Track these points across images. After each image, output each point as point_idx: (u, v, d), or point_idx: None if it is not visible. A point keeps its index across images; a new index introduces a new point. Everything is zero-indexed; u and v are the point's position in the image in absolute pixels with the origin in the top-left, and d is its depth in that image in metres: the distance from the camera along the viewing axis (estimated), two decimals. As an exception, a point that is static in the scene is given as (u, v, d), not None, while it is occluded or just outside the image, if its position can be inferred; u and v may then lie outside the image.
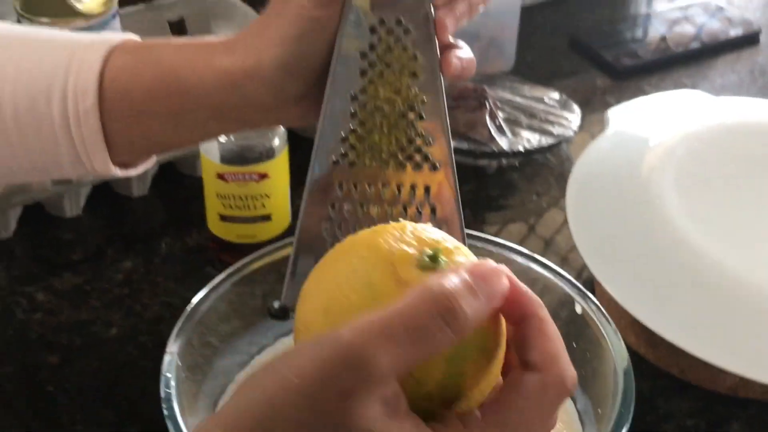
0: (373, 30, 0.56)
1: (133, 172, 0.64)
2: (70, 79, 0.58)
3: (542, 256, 0.72)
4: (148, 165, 0.65)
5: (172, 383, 0.62)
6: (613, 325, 0.67)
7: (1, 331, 0.84)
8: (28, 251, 0.92)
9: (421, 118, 0.57)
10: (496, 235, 0.90)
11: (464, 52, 0.57)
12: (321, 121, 0.56)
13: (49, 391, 0.78)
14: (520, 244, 0.93)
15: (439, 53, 0.56)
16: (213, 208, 0.88)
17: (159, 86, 0.58)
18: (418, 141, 0.57)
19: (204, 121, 0.59)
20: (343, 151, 0.57)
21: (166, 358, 0.63)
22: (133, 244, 0.93)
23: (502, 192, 1.01)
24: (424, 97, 0.56)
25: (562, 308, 0.71)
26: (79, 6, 1.03)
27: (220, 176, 0.86)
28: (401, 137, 0.57)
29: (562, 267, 0.72)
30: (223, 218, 0.88)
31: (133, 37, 0.61)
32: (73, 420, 0.76)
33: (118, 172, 0.62)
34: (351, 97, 0.56)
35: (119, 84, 0.58)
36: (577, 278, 0.78)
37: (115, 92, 0.58)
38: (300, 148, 0.86)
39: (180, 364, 0.64)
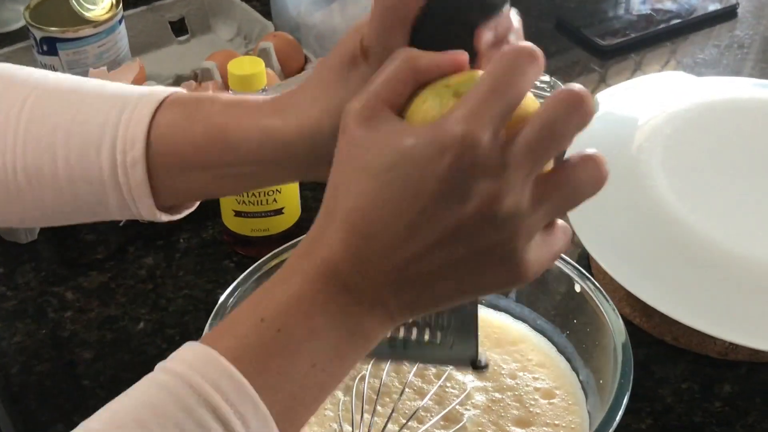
0: None
1: (177, 217, 0.67)
2: (120, 131, 0.61)
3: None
4: (190, 210, 0.69)
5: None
6: (611, 302, 0.72)
7: (35, 331, 0.89)
8: (53, 253, 0.97)
9: None
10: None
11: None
12: None
13: (86, 385, 0.84)
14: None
15: None
16: (227, 204, 0.93)
17: (206, 142, 0.61)
18: None
19: (247, 175, 0.62)
20: None
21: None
22: (153, 241, 0.98)
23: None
24: None
25: (562, 286, 0.77)
26: (87, 14, 1.07)
27: (234, 174, 0.90)
28: None
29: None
30: (238, 213, 0.93)
31: (180, 91, 0.64)
32: (111, 411, 0.81)
33: (164, 218, 0.66)
34: None
35: (167, 138, 0.62)
36: (571, 255, 0.83)
37: (163, 145, 0.62)
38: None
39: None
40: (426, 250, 0.46)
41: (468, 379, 0.75)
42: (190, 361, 0.46)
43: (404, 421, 0.70)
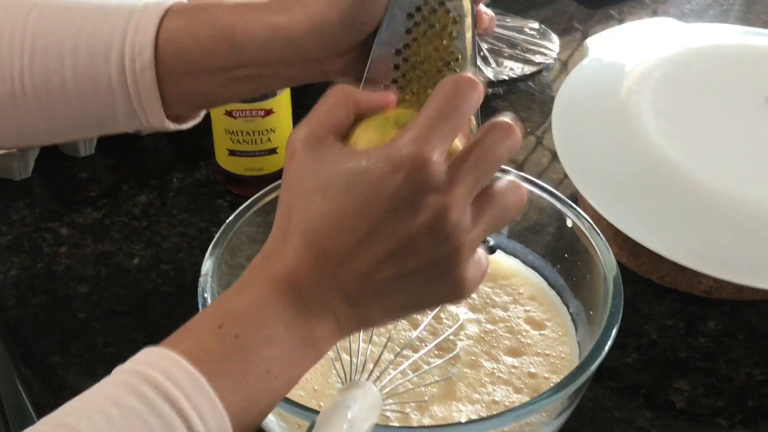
0: None
1: (185, 126, 0.68)
2: (128, 38, 0.62)
3: (528, 173, 0.79)
4: (197, 119, 0.70)
5: (208, 301, 0.69)
6: (602, 236, 0.74)
7: (30, 265, 0.90)
8: (47, 190, 0.98)
9: (455, 72, 0.63)
10: (486, 159, 0.96)
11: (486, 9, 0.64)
12: (367, 71, 0.62)
13: (82, 318, 0.85)
14: (508, 163, 1.00)
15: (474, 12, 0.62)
16: (221, 143, 0.94)
17: (213, 43, 0.62)
18: None
19: (255, 77, 0.64)
20: None
21: (201, 280, 0.70)
22: (147, 180, 0.99)
23: (488, 119, 1.07)
24: (459, 55, 0.62)
25: (553, 222, 0.78)
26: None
27: (228, 113, 0.91)
28: None
29: (544, 183, 0.79)
30: (232, 153, 0.94)
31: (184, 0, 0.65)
32: (107, 342, 0.82)
33: (171, 126, 0.67)
34: (396, 51, 0.62)
35: (175, 42, 0.63)
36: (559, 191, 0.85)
37: (171, 50, 0.63)
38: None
39: (213, 285, 0.70)
40: (378, 262, 0.50)
41: (461, 311, 0.77)
42: (149, 361, 0.48)
43: (399, 350, 0.72)
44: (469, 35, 0.62)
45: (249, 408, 0.49)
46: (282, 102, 0.92)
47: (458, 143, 0.53)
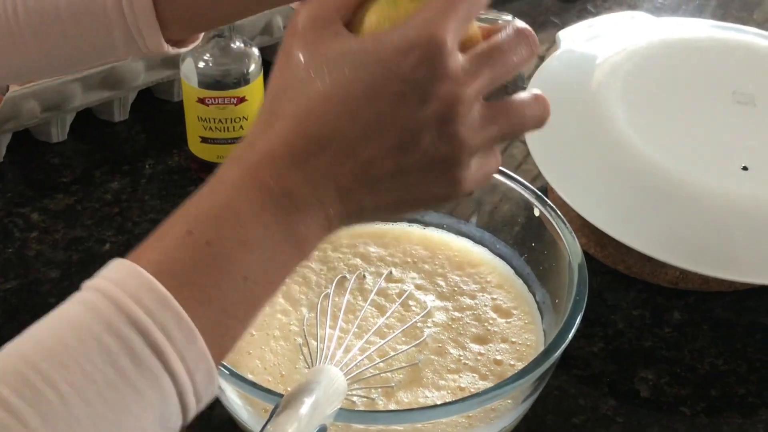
0: None
1: (183, 50, 0.67)
2: None
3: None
4: (195, 43, 0.68)
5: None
6: (568, 225, 0.75)
7: (1, 250, 0.90)
8: (19, 175, 0.98)
9: None
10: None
11: None
12: None
13: (52, 303, 0.83)
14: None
15: None
16: (194, 130, 0.94)
17: None
18: None
19: None
20: None
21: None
22: (119, 166, 0.99)
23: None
24: None
25: (521, 212, 0.79)
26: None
27: (201, 101, 0.92)
28: None
29: (517, 174, 0.80)
30: (204, 140, 0.94)
31: None
32: (77, 328, 0.82)
33: (170, 50, 0.65)
34: None
35: None
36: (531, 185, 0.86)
37: None
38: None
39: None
40: (378, 155, 0.46)
41: (429, 299, 0.78)
42: (112, 276, 0.44)
43: (366, 336, 0.72)
44: None
45: (226, 320, 0.45)
46: (255, 90, 0.92)
47: (477, 29, 0.49)
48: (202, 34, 0.70)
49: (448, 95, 0.45)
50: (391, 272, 0.79)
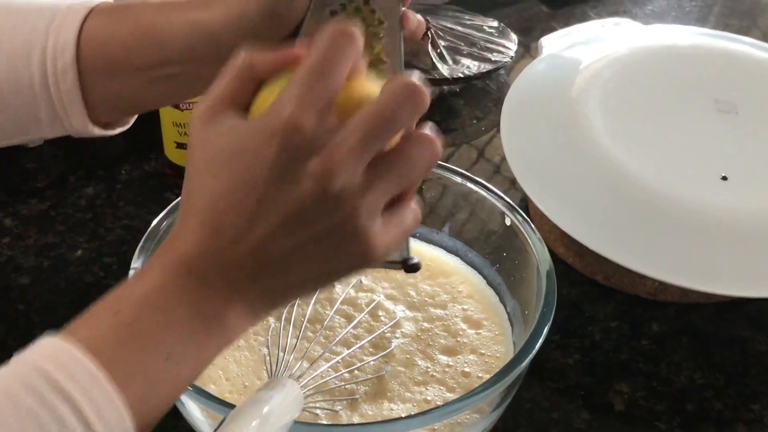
0: None
1: (112, 132, 0.67)
2: (50, 39, 0.61)
3: (480, 173, 0.78)
4: (125, 126, 0.68)
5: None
6: (538, 233, 0.73)
7: (-29, 255, 0.89)
8: (-7, 180, 0.97)
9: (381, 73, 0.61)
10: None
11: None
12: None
13: (21, 309, 0.84)
14: (460, 162, 0.99)
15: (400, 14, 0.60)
16: (169, 136, 0.93)
17: (135, 41, 0.61)
18: None
19: (177, 76, 0.62)
20: None
21: (131, 273, 0.69)
22: (95, 172, 0.98)
23: (444, 117, 1.07)
24: (384, 56, 0.60)
25: (493, 221, 0.78)
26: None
27: (176, 105, 0.90)
28: None
29: (496, 182, 0.78)
30: (180, 146, 0.93)
31: (108, 0, 0.64)
32: (45, 335, 0.81)
33: (96, 131, 0.65)
34: None
35: (97, 41, 0.62)
36: (511, 196, 0.84)
37: (93, 49, 0.62)
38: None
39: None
40: (271, 234, 0.47)
41: (399, 309, 0.76)
42: (43, 352, 0.46)
43: (330, 346, 0.71)
44: (395, 37, 0.60)
45: (149, 396, 0.47)
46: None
47: (366, 88, 0.49)
48: (134, 117, 0.69)
49: (316, 172, 0.46)
50: (360, 281, 0.78)
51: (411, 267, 0.56)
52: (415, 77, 0.48)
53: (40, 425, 0.44)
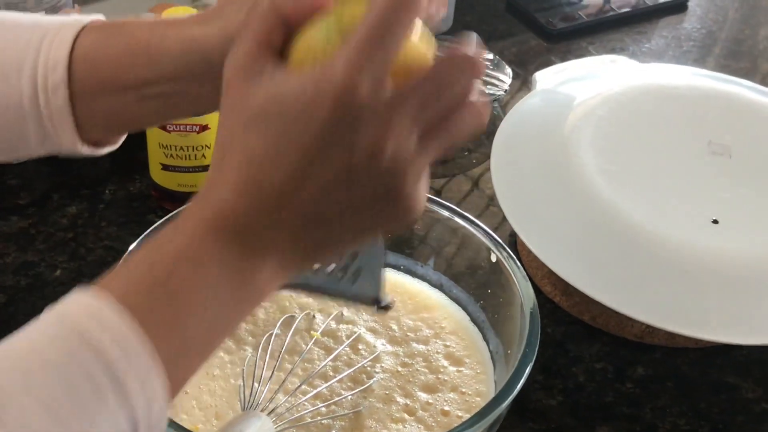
0: None
1: (99, 152, 0.66)
2: (42, 55, 0.60)
3: (472, 204, 0.76)
4: (114, 146, 0.67)
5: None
6: (523, 271, 0.72)
7: (-52, 272, 0.87)
8: (-26, 196, 0.96)
9: None
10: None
11: None
12: None
13: (-5, 328, 0.82)
14: (449, 195, 0.98)
15: None
16: (155, 157, 0.92)
17: (128, 58, 0.60)
18: None
19: (167, 95, 0.61)
20: None
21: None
22: (78, 191, 0.96)
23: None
24: None
25: (479, 256, 0.76)
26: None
27: (163, 127, 0.89)
28: None
29: (488, 215, 0.77)
30: (165, 167, 0.92)
31: (101, 18, 0.63)
32: (18, 356, 0.80)
33: (85, 150, 0.64)
34: None
35: (89, 58, 0.61)
36: (499, 232, 0.83)
37: (85, 66, 0.61)
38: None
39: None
40: (319, 194, 0.46)
41: (380, 343, 0.75)
42: (77, 306, 0.46)
43: (307, 378, 0.69)
44: None
45: (185, 352, 0.47)
46: (217, 119, 0.90)
47: (422, 50, 0.48)
48: (123, 137, 0.68)
49: (370, 141, 0.45)
50: (341, 313, 0.76)
51: (383, 308, 0.55)
52: (471, 46, 0.47)
53: (73, 386, 0.43)
